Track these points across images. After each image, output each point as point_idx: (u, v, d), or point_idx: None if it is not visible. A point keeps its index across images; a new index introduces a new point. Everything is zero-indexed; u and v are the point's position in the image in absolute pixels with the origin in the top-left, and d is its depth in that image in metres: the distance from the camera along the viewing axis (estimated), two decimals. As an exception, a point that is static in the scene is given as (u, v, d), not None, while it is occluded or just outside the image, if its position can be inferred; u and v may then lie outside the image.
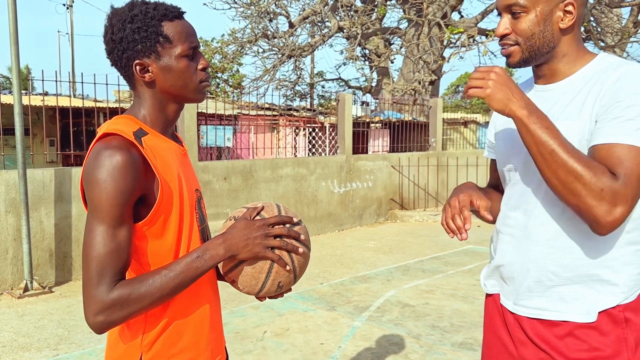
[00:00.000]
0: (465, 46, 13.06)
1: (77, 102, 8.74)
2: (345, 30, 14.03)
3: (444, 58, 13.72)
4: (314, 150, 11.28)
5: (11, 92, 8.77)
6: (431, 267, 6.15)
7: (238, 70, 20.11)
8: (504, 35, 1.32)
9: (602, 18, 13.32)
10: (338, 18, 14.01)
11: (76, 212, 5.67)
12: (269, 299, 1.36)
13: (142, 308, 1.13)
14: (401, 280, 5.57)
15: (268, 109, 11.36)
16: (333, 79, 19.36)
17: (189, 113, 6.72)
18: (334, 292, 5.17)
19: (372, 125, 11.67)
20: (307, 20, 14.52)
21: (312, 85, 19.99)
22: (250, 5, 13.63)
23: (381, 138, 11.75)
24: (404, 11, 14.07)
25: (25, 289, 5.13)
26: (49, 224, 5.52)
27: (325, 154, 10.81)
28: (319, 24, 14.71)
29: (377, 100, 13.22)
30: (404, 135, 10.75)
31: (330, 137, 10.68)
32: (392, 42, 16.08)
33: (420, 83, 13.47)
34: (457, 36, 13.54)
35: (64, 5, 23.35)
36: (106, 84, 6.09)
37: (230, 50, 15.44)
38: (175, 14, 1.25)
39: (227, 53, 15.87)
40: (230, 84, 19.24)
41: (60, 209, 5.59)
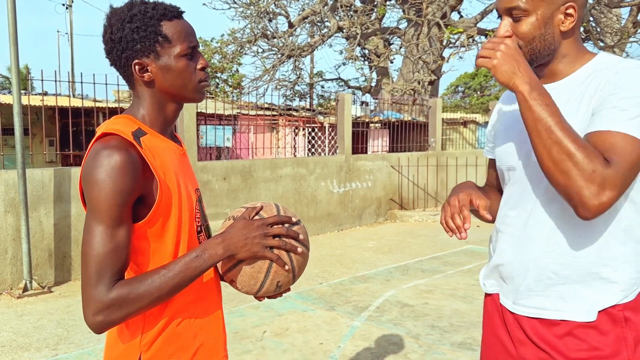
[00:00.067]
0: (464, 46, 13.07)
1: (76, 102, 8.73)
2: (344, 30, 14.03)
3: (443, 58, 13.73)
4: (313, 150, 11.28)
5: (10, 92, 8.76)
6: (430, 267, 6.15)
7: (237, 70, 20.10)
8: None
9: (601, 18, 13.33)
10: (337, 18, 14.01)
11: (75, 212, 5.67)
12: (268, 299, 1.36)
13: (141, 308, 1.13)
14: (400, 280, 5.57)
15: (267, 109, 11.36)
16: (332, 79, 19.38)
17: (189, 113, 6.72)
18: (334, 292, 5.17)
19: (371, 125, 11.66)
20: (306, 20, 14.52)
21: (311, 85, 19.98)
22: (250, 5, 13.63)
23: (380, 138, 11.75)
24: (404, 11, 14.07)
25: (25, 289, 5.13)
26: (48, 223, 5.52)
27: (325, 154, 10.82)
28: (319, 24, 14.71)
29: (377, 100, 13.22)
30: (404, 135, 10.75)
31: (330, 137, 10.68)
32: (391, 42, 16.08)
33: (419, 83, 13.47)
34: (456, 36, 13.54)
35: (64, 5, 23.34)
36: (105, 84, 6.09)
37: (230, 50, 15.44)
38: (175, 13, 1.25)
39: (227, 53, 15.87)
40: (230, 84, 19.22)
41: (59, 208, 5.59)
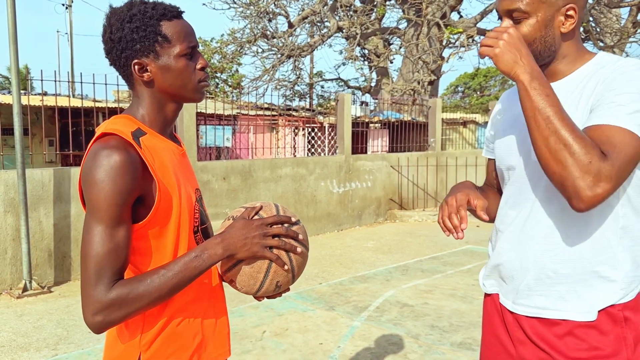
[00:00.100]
0: (464, 46, 13.07)
1: (76, 102, 8.74)
2: (344, 30, 14.03)
3: (443, 58, 13.73)
4: (313, 150, 11.28)
5: (10, 92, 8.77)
6: (430, 267, 6.15)
7: (237, 70, 20.08)
8: None
9: (601, 18, 13.34)
10: (337, 18, 14.01)
11: (75, 212, 5.67)
12: (267, 299, 1.36)
13: (141, 308, 1.13)
14: (400, 280, 5.57)
15: (267, 109, 11.36)
16: (332, 79, 19.36)
17: (188, 113, 6.72)
18: (333, 292, 5.16)
19: (371, 125, 11.66)
20: (306, 20, 14.52)
21: (311, 85, 19.97)
22: (250, 5, 13.63)
23: (380, 138, 11.75)
24: (403, 11, 14.07)
25: (24, 289, 5.13)
26: (48, 223, 5.52)
27: (325, 154, 10.82)
28: (318, 24, 14.71)
29: (377, 101, 13.23)
30: (403, 135, 10.75)
31: (330, 137, 10.68)
32: (391, 42, 16.08)
33: (419, 83, 13.47)
34: (456, 36, 13.54)
35: (63, 5, 23.33)
36: (105, 84, 6.08)
37: (230, 50, 15.43)
38: (174, 13, 1.25)
39: (227, 53, 15.86)
40: (230, 84, 19.21)
41: (59, 208, 5.58)
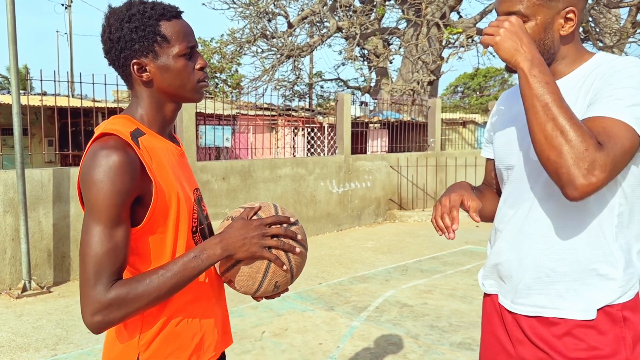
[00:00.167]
0: (463, 46, 13.07)
1: (75, 102, 8.74)
2: (344, 31, 14.03)
3: (442, 58, 13.73)
4: (312, 150, 11.28)
5: (9, 92, 8.77)
6: (430, 267, 6.15)
7: (237, 71, 20.06)
8: None
9: (600, 18, 13.35)
10: (337, 18, 14.01)
11: (74, 212, 5.67)
12: (266, 299, 1.36)
13: (140, 308, 1.13)
14: (400, 280, 5.57)
15: (267, 109, 11.35)
16: (332, 79, 19.34)
17: (188, 113, 6.72)
18: (333, 292, 5.16)
19: (370, 125, 11.67)
20: (305, 21, 14.52)
21: (310, 86, 19.97)
22: (249, 6, 13.63)
23: (380, 138, 11.75)
24: (403, 11, 14.07)
25: (24, 289, 5.12)
26: (48, 224, 5.52)
27: (324, 154, 10.82)
28: (318, 24, 14.71)
29: (376, 101, 13.23)
30: (403, 136, 10.75)
31: (329, 137, 10.68)
32: (390, 43, 16.08)
33: (418, 83, 13.47)
34: (455, 36, 13.54)
35: (63, 5, 23.34)
36: (105, 84, 6.08)
37: (229, 50, 15.43)
38: (173, 13, 1.25)
39: (226, 53, 15.85)
40: (229, 84, 19.20)
41: (58, 209, 5.58)
